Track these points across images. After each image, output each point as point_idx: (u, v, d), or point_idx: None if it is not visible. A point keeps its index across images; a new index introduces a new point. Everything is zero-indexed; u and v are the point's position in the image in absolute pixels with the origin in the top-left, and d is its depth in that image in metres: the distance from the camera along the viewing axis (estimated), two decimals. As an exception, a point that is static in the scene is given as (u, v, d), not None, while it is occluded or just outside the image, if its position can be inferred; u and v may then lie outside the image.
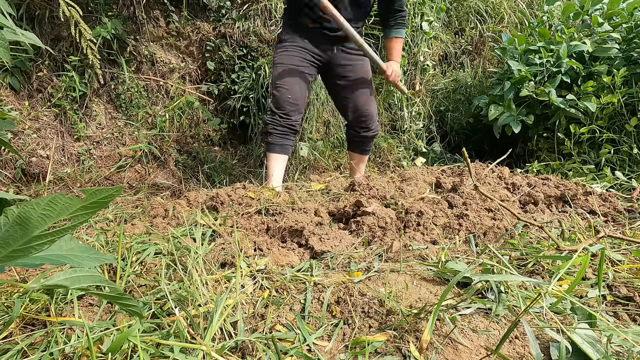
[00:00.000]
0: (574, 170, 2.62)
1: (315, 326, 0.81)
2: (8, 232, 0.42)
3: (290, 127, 2.06)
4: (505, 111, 2.93)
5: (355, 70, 2.14)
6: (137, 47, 2.98)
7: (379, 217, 1.30)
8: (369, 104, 2.16)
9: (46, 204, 0.42)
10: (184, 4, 3.09)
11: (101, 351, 0.69)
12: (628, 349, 0.69)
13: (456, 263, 0.96)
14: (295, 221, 1.25)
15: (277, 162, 2.08)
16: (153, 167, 2.81)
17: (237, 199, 1.44)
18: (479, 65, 3.95)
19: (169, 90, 3.10)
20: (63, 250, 0.53)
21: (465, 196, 1.49)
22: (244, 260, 1.04)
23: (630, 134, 2.57)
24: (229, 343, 0.74)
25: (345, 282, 0.93)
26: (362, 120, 2.17)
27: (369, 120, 2.18)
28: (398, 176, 1.80)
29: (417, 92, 3.59)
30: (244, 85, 3.12)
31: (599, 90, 2.69)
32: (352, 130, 2.25)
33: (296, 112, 2.06)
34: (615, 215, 1.48)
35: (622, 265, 1.04)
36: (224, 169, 3.02)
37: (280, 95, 2.03)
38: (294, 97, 2.03)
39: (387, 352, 0.72)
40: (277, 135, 2.05)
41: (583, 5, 3.11)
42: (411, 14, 3.36)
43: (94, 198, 0.45)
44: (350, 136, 2.29)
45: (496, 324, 0.80)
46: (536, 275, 1.00)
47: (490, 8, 3.99)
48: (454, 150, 3.72)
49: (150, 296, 0.88)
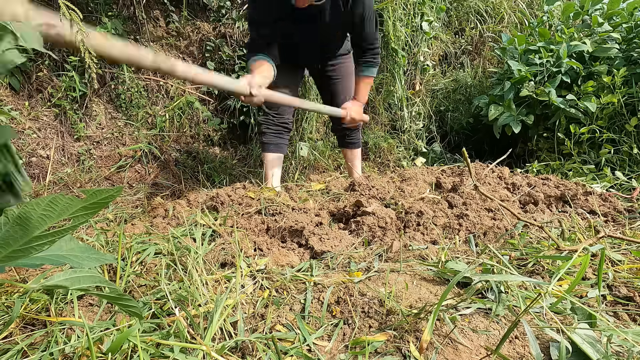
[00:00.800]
0: (574, 170, 2.62)
1: (315, 326, 0.81)
2: (8, 232, 0.42)
3: (284, 125, 2.11)
4: (505, 111, 2.93)
5: (337, 70, 2.19)
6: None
7: (379, 217, 1.30)
8: (347, 99, 2.20)
9: (46, 204, 0.42)
10: (184, 4, 3.09)
11: (101, 351, 0.69)
12: (628, 349, 0.69)
13: (456, 263, 0.96)
14: (295, 221, 1.25)
15: (274, 161, 2.11)
16: (153, 167, 2.81)
17: (237, 199, 1.44)
18: (479, 65, 3.95)
19: (169, 90, 3.10)
20: (63, 251, 0.53)
21: (465, 196, 1.49)
22: (244, 260, 1.04)
23: (630, 134, 2.57)
24: (229, 343, 0.74)
25: (345, 282, 0.93)
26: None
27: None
28: (398, 176, 1.80)
29: (417, 92, 3.59)
30: (244, 85, 3.11)
31: (599, 90, 2.69)
32: (333, 124, 2.31)
33: (288, 110, 2.11)
34: (615, 215, 1.48)
35: (622, 265, 1.04)
36: (224, 169, 3.02)
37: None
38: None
39: (387, 352, 0.72)
40: (271, 134, 2.10)
41: (583, 5, 3.11)
42: (411, 14, 3.36)
43: (94, 198, 0.45)
44: (334, 130, 2.35)
45: (496, 324, 0.80)
46: (536, 275, 1.00)
47: (490, 8, 3.99)
48: (454, 150, 3.71)
49: (150, 296, 0.88)
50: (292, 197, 1.55)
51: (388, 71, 3.36)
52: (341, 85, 2.20)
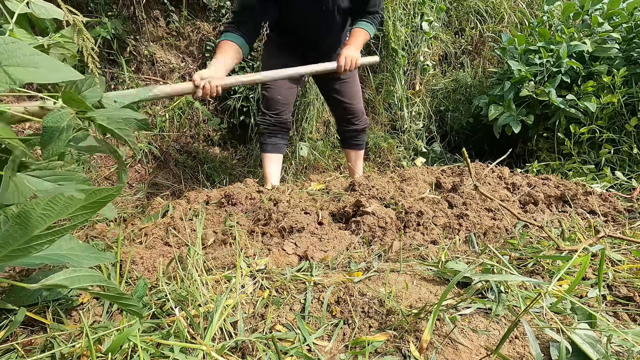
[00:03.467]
0: (574, 170, 2.62)
1: (315, 326, 0.81)
2: (8, 232, 0.42)
3: (282, 125, 2.08)
4: (505, 111, 2.93)
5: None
6: (137, 47, 2.98)
7: (379, 217, 1.30)
8: (354, 101, 2.18)
9: (46, 204, 0.42)
10: (184, 4, 3.08)
11: (101, 351, 0.69)
12: (628, 349, 0.69)
13: (456, 263, 0.96)
14: (295, 221, 1.25)
15: (273, 161, 2.09)
16: (153, 167, 2.81)
17: (237, 199, 1.44)
18: (479, 65, 3.95)
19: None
20: (63, 250, 0.53)
21: (465, 196, 1.49)
22: (244, 260, 1.04)
23: (630, 134, 2.57)
24: (229, 343, 0.73)
25: (345, 282, 0.92)
26: (348, 117, 2.21)
27: (355, 117, 2.22)
28: (398, 176, 1.80)
29: (417, 92, 3.59)
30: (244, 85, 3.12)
31: (599, 90, 2.69)
32: (340, 126, 2.29)
33: (287, 110, 2.07)
34: (615, 215, 1.48)
35: (622, 265, 1.04)
36: (224, 169, 3.02)
37: (270, 95, 2.04)
38: (284, 96, 2.04)
39: (387, 352, 0.72)
40: (269, 135, 2.07)
41: (583, 5, 3.11)
42: (411, 14, 3.36)
43: (93, 198, 0.45)
44: (341, 132, 2.33)
45: (496, 324, 0.80)
46: (536, 275, 1.00)
47: (490, 8, 3.98)
48: (454, 150, 3.71)
49: (150, 296, 0.88)
50: (292, 196, 1.54)
51: (388, 71, 3.36)
52: (346, 88, 2.15)
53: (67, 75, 0.60)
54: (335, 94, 2.17)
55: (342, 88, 2.15)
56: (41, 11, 0.86)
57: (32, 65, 0.57)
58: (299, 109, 3.11)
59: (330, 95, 2.22)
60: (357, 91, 2.19)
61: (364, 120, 2.26)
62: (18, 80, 0.54)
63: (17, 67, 0.55)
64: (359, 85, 2.21)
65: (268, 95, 2.05)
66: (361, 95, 2.22)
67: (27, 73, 0.56)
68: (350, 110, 2.18)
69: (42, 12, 0.86)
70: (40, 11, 0.86)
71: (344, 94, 2.15)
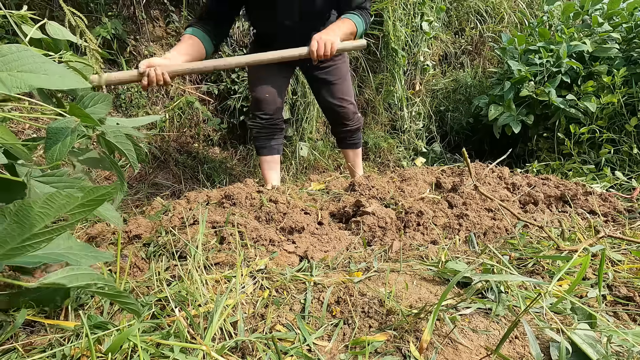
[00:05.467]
0: (574, 170, 2.62)
1: (315, 326, 0.81)
2: (6, 230, 0.42)
3: (274, 127, 2.02)
4: (505, 111, 2.93)
5: (330, 72, 2.06)
6: (137, 47, 2.98)
7: (379, 217, 1.30)
8: (344, 103, 2.10)
9: (44, 202, 0.42)
10: (184, 4, 3.08)
11: (101, 351, 0.69)
12: (628, 349, 0.69)
13: (456, 263, 0.96)
14: (295, 221, 1.25)
15: (270, 164, 2.05)
16: (153, 167, 2.81)
17: (237, 199, 1.44)
18: (479, 65, 3.95)
19: (169, 90, 3.09)
20: (61, 248, 0.53)
21: (465, 196, 1.49)
22: (244, 260, 1.03)
23: (630, 134, 2.57)
24: (229, 343, 0.73)
25: (345, 282, 0.92)
26: (340, 119, 2.14)
27: (346, 118, 2.14)
28: (398, 176, 1.80)
29: (417, 92, 3.59)
30: (244, 85, 3.11)
31: (599, 90, 2.69)
32: (334, 128, 2.24)
33: (277, 109, 2.00)
34: (615, 215, 1.48)
35: (622, 265, 1.03)
36: (224, 169, 3.02)
37: (257, 95, 1.98)
38: (272, 95, 1.97)
39: (387, 352, 0.72)
40: (263, 137, 2.02)
41: (583, 5, 3.11)
42: (411, 14, 3.36)
43: (91, 196, 0.45)
44: (335, 133, 2.28)
45: (496, 324, 0.80)
46: (536, 275, 1.00)
47: (490, 8, 3.99)
48: (454, 150, 3.71)
49: (150, 296, 0.88)
50: (292, 197, 1.54)
51: (388, 71, 3.36)
52: (335, 90, 2.07)
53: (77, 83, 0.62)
54: (325, 96, 2.09)
55: (331, 90, 2.07)
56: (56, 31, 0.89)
57: (42, 72, 0.58)
58: (299, 109, 3.11)
59: (320, 97, 2.14)
60: (346, 92, 2.11)
61: (357, 119, 2.19)
62: (29, 85, 0.56)
63: (28, 73, 0.57)
64: (349, 86, 2.12)
65: (255, 95, 1.99)
66: (352, 94, 2.14)
67: (38, 79, 0.57)
68: (341, 111, 2.11)
69: (56, 32, 0.89)
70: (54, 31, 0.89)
71: (333, 96, 2.08)
